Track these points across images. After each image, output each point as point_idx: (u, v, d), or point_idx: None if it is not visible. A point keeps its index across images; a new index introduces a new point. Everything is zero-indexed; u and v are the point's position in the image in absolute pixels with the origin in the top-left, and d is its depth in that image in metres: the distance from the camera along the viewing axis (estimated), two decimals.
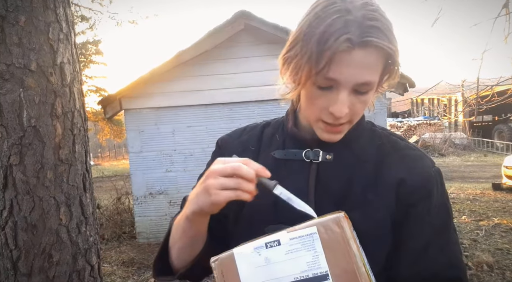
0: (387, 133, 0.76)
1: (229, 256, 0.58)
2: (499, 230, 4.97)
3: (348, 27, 0.56)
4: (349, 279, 0.53)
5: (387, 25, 0.59)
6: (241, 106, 5.01)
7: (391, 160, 0.71)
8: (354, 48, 0.57)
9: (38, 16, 1.66)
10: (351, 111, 0.64)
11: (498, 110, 13.42)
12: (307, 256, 0.55)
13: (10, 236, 1.67)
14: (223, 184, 0.60)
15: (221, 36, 4.82)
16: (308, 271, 0.54)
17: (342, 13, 0.57)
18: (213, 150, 0.84)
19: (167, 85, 4.99)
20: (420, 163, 0.71)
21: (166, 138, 5.11)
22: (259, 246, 0.57)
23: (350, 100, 0.62)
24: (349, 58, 0.57)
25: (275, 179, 0.65)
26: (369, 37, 0.56)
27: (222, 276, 0.58)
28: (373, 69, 0.60)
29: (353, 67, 0.58)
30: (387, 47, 0.58)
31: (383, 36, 0.57)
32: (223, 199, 0.60)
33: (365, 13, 0.57)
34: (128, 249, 4.92)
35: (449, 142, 16.22)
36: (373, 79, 0.61)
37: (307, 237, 0.56)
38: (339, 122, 0.64)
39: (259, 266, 0.56)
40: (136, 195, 5.18)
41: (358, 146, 0.72)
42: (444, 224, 0.70)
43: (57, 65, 1.74)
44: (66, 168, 1.77)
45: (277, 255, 0.56)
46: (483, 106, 3.74)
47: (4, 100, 1.63)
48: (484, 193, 7.40)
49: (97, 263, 1.93)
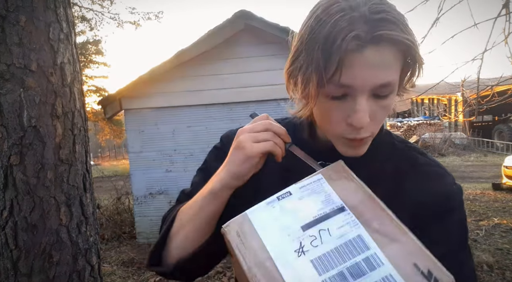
0: (406, 148, 0.70)
1: (242, 216, 0.57)
2: (499, 230, 4.97)
3: (355, 24, 0.50)
4: (367, 207, 0.54)
5: (399, 17, 0.52)
6: (241, 106, 5.01)
7: (410, 180, 0.65)
8: (366, 46, 0.50)
9: (39, 16, 1.66)
10: (373, 120, 0.56)
11: (498, 110, 13.44)
12: (320, 196, 0.56)
13: (10, 236, 1.67)
14: (256, 136, 0.60)
15: (221, 36, 4.82)
16: (324, 208, 0.55)
17: (346, 11, 0.50)
18: (215, 144, 0.82)
19: (167, 85, 5.00)
20: (440, 181, 0.66)
21: (166, 138, 5.11)
22: (271, 201, 0.58)
23: (370, 107, 0.55)
24: (362, 58, 0.51)
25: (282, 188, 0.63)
26: (380, 31, 0.49)
27: (238, 236, 0.55)
28: (392, 67, 0.53)
29: (367, 68, 0.51)
30: (403, 38, 0.50)
31: (396, 27, 0.50)
32: (258, 150, 0.60)
33: (371, 7, 0.51)
34: (128, 249, 4.92)
35: (449, 142, 16.22)
36: (392, 79, 0.54)
37: (315, 183, 0.58)
38: (361, 136, 0.57)
39: (275, 216, 0.56)
40: (136, 195, 5.18)
41: (376, 163, 0.67)
42: (461, 245, 0.64)
43: (58, 65, 1.74)
44: (66, 168, 1.77)
45: (291, 203, 0.56)
46: (483, 106, 3.75)
47: (4, 100, 1.63)
48: (484, 193, 7.40)
49: (97, 263, 1.93)
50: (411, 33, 0.53)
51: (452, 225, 0.64)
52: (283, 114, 0.83)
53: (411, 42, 0.51)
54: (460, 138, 17.27)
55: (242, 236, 0.55)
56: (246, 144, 0.60)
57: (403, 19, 0.52)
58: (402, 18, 0.53)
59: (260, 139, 0.61)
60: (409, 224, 0.61)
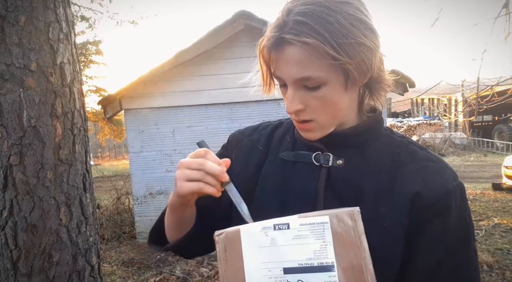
0: (406, 142, 0.71)
1: (234, 232, 0.57)
2: (499, 230, 4.97)
3: (280, 26, 0.59)
4: (355, 274, 0.52)
5: (324, 18, 0.56)
6: (241, 106, 5.01)
7: (407, 171, 0.66)
8: (280, 47, 0.59)
9: (38, 16, 1.66)
10: (309, 108, 0.63)
11: (498, 110, 13.41)
12: (316, 244, 0.53)
13: (10, 236, 1.67)
14: (188, 175, 0.62)
15: (221, 36, 4.82)
16: (314, 260, 0.53)
17: (283, 13, 0.60)
18: (223, 144, 0.85)
19: (167, 85, 4.99)
20: (439, 176, 0.65)
21: (166, 138, 5.11)
22: (267, 227, 0.56)
23: (300, 96, 0.62)
24: (282, 56, 0.60)
25: (283, 181, 0.68)
26: (287, 35, 0.57)
27: (224, 251, 0.56)
28: (306, 64, 0.58)
29: (286, 64, 0.60)
30: (306, 43, 0.56)
31: (308, 31, 0.56)
32: (186, 190, 0.62)
33: (299, 9, 0.58)
34: (128, 249, 4.92)
35: (449, 142, 16.22)
36: (312, 75, 0.59)
37: (318, 225, 0.54)
38: (299, 119, 0.65)
39: (264, 246, 0.55)
40: (136, 195, 5.18)
41: (372, 153, 0.68)
42: (461, 243, 0.64)
43: (57, 65, 1.74)
44: (66, 168, 1.77)
45: (284, 238, 0.54)
46: (483, 106, 3.74)
47: (4, 100, 1.63)
48: (484, 193, 7.40)
49: (97, 263, 1.93)
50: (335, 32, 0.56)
51: (445, 229, 0.63)
52: (283, 115, 0.84)
53: (320, 43, 0.55)
54: (460, 138, 17.27)
55: (228, 252, 0.56)
56: (178, 181, 0.63)
57: (326, 19, 0.56)
58: (327, 17, 0.56)
59: (191, 178, 0.62)
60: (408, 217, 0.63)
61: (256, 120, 4.91)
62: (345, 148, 0.68)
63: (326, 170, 0.68)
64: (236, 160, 0.76)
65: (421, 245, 0.63)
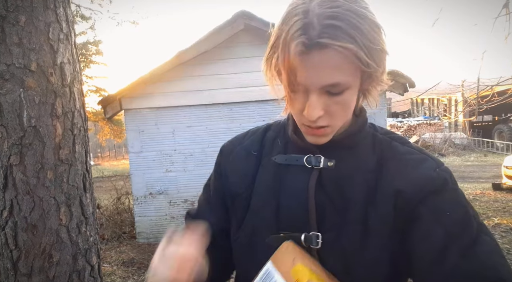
0: (389, 139, 0.71)
1: None
2: (499, 230, 4.96)
3: (305, 30, 0.55)
4: None
5: (353, 23, 0.55)
6: (241, 106, 5.01)
7: (389, 168, 0.66)
8: (311, 51, 0.55)
9: (38, 16, 1.66)
10: (327, 113, 0.62)
11: (498, 110, 13.43)
12: None
13: (10, 236, 1.67)
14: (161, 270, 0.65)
15: (221, 36, 4.82)
16: None
17: (300, 16, 0.56)
18: (216, 159, 0.84)
19: (167, 85, 4.99)
20: (418, 167, 0.65)
21: (166, 138, 5.11)
22: None
23: (322, 102, 0.60)
24: (309, 62, 0.56)
25: (277, 184, 0.70)
26: (323, 39, 0.54)
27: None
28: (338, 69, 0.57)
29: (315, 70, 0.57)
30: (343, 46, 0.54)
31: (343, 35, 0.54)
32: None
33: (324, 12, 0.55)
34: (128, 249, 4.92)
35: (449, 142, 16.22)
36: (342, 80, 0.58)
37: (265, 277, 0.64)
38: (317, 125, 0.63)
39: None
40: (136, 195, 5.18)
41: (360, 153, 0.69)
42: (462, 226, 0.61)
43: (57, 65, 1.74)
44: (66, 168, 1.77)
45: None
46: (483, 106, 3.74)
47: (4, 100, 1.63)
48: (484, 193, 7.40)
49: (97, 263, 1.93)
50: (365, 39, 0.55)
51: (437, 212, 0.62)
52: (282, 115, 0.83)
53: (358, 49, 0.54)
54: (460, 138, 17.26)
55: None
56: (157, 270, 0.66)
57: (358, 25, 0.55)
58: (360, 23, 0.55)
59: None
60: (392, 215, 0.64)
61: (256, 120, 4.91)
62: (336, 149, 0.69)
63: (317, 171, 0.68)
64: (231, 171, 0.78)
65: (416, 235, 0.62)
